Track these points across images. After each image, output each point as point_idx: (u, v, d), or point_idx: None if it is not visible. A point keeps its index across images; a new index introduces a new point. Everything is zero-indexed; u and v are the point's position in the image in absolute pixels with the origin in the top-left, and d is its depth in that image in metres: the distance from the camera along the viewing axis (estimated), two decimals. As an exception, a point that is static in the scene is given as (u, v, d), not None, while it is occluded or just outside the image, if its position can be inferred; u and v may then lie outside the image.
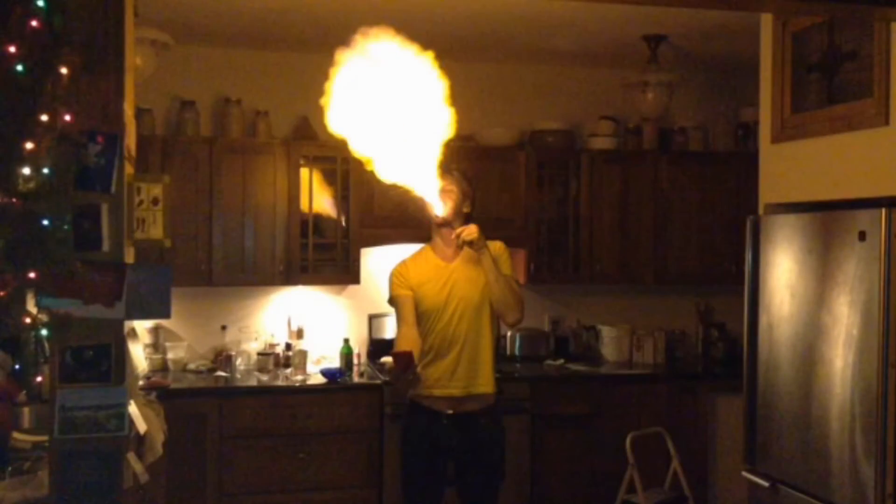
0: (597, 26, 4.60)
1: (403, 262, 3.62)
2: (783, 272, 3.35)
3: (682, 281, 5.42)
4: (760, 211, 3.71)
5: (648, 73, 4.91)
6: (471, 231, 3.35)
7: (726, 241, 5.18)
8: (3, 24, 2.55)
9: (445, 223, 3.46)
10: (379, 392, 4.68)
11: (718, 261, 5.27)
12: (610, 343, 5.43)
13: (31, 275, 2.48)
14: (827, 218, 3.15)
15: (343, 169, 4.95)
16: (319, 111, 5.08)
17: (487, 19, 4.48)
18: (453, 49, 5.10)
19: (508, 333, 5.29)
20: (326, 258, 5.03)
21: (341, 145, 5.00)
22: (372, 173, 3.21)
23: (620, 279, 5.37)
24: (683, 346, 5.56)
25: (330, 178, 4.99)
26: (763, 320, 3.46)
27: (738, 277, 3.60)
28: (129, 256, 2.87)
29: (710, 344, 5.57)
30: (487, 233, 3.42)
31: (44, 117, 2.53)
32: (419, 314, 3.48)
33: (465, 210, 3.52)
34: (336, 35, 5.08)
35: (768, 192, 3.76)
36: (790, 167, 3.63)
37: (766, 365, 3.44)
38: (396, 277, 3.57)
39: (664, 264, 5.35)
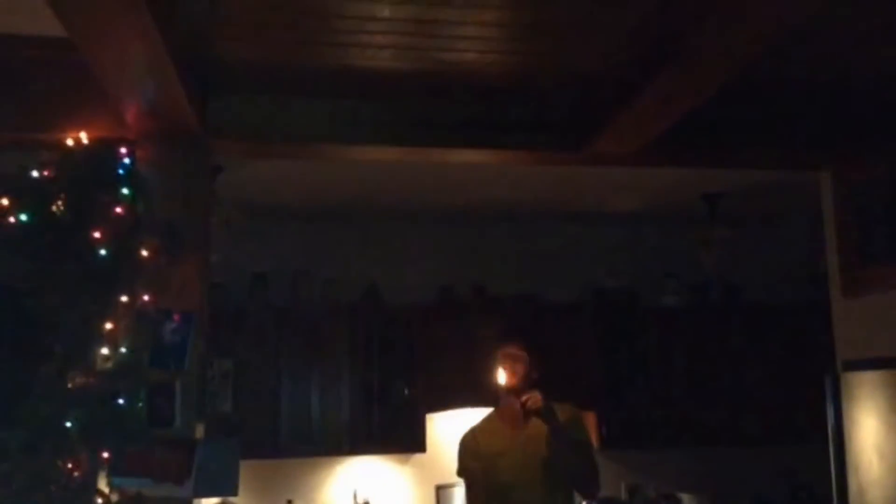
0: (656, 187, 4.67)
1: (472, 432, 3.52)
2: (869, 432, 3.19)
3: (761, 441, 5.18)
4: (838, 367, 3.59)
5: (709, 230, 4.92)
6: (535, 400, 3.25)
7: (805, 398, 4.97)
8: (90, 211, 2.71)
9: (512, 391, 3.38)
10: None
11: (799, 419, 5.04)
12: (692, 512, 5.15)
13: (105, 454, 2.50)
14: (911, 374, 3.02)
15: (408, 333, 4.98)
16: (385, 276, 5.29)
17: (548, 184, 4.60)
18: (515, 210, 5.23)
19: (584, 504, 5.08)
20: (392, 425, 4.98)
21: (406, 311, 5.19)
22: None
23: (697, 441, 5.16)
24: (770, 512, 5.24)
25: (395, 343, 5.03)
26: (852, 483, 3.26)
27: (820, 436, 3.44)
28: (199, 432, 2.88)
29: (799, 509, 5.24)
30: (553, 395, 3.35)
31: (124, 298, 2.64)
32: (490, 487, 3.34)
33: (534, 376, 3.44)
34: (399, 205, 5.26)
35: (845, 348, 3.64)
36: (866, 321, 3.53)
37: (862, 534, 3.21)
38: (465, 448, 3.45)
39: (742, 424, 5.14)
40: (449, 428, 4.95)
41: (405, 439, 4.98)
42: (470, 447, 3.44)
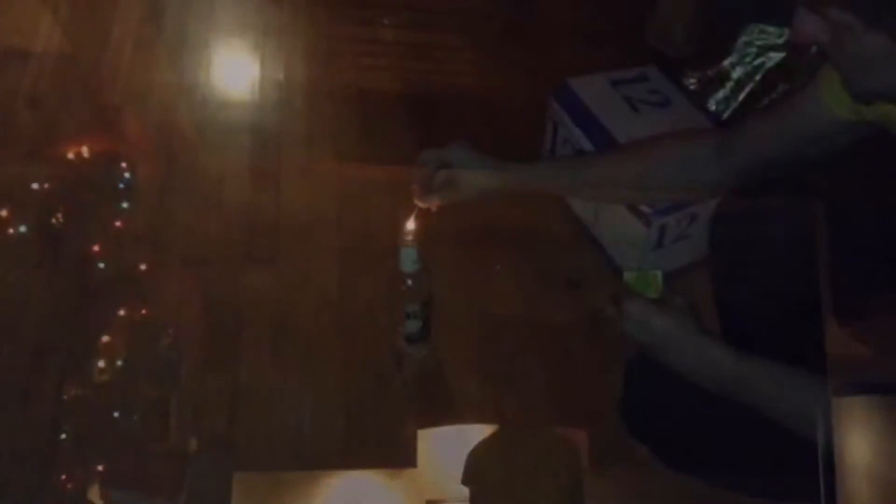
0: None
1: (484, 443, 3.52)
2: (862, 459, 3.20)
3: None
4: (829, 391, 3.60)
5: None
6: None
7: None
8: (90, 224, 2.73)
9: None
10: None
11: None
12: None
13: (99, 468, 2.52)
14: (902, 401, 3.04)
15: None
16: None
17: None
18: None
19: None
20: (383, 440, 4.99)
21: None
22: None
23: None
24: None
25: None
26: (844, 513, 3.27)
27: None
28: (193, 446, 2.89)
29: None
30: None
31: (121, 312, 2.66)
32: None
33: None
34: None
35: (836, 373, 3.66)
36: (858, 347, 3.55)
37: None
38: (476, 458, 3.45)
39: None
40: (441, 443, 4.96)
41: (396, 454, 4.97)
42: (481, 458, 3.44)
